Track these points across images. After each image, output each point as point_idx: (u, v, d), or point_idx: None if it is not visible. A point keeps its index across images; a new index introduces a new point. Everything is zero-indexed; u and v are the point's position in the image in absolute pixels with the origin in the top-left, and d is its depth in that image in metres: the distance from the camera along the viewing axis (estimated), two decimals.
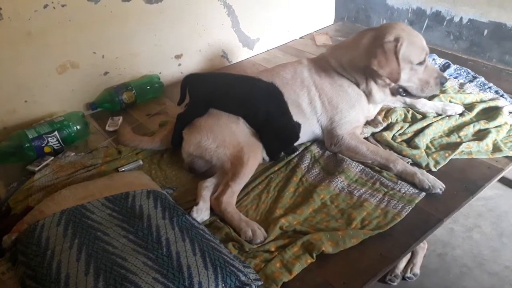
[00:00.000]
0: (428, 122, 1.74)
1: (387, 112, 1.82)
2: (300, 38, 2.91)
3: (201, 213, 1.39)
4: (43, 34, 1.90)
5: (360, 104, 1.68)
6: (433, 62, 2.20)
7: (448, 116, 1.77)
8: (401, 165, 1.51)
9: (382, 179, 1.49)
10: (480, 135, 1.65)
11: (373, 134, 1.74)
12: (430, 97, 1.90)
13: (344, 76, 1.69)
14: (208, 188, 1.49)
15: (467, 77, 2.08)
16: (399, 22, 1.67)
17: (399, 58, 1.55)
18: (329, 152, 1.67)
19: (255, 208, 1.45)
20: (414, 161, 1.56)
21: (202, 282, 1.03)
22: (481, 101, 1.85)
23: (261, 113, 1.62)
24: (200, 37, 2.45)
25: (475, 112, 1.78)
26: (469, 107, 1.82)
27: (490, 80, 2.02)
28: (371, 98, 1.69)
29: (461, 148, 1.58)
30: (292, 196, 1.48)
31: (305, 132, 1.69)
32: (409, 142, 1.66)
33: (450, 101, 1.86)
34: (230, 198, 1.43)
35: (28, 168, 1.69)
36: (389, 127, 1.75)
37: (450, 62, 2.19)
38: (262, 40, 2.73)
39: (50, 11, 1.88)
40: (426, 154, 1.58)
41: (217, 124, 1.61)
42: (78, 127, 1.87)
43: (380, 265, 1.19)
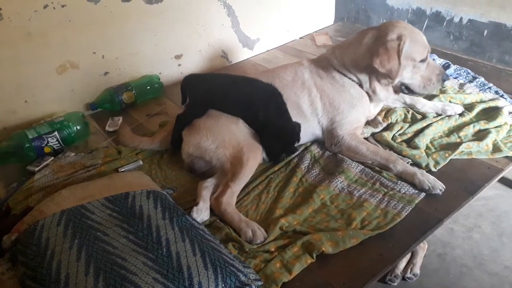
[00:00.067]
0: (428, 122, 1.74)
1: (387, 113, 1.82)
2: (300, 38, 2.91)
3: (201, 213, 1.39)
4: (43, 34, 1.90)
5: (362, 104, 1.68)
6: None
7: (448, 116, 1.77)
8: (401, 166, 1.51)
9: (382, 179, 1.49)
10: (480, 135, 1.65)
11: (373, 134, 1.74)
12: (430, 97, 1.90)
13: (346, 76, 1.68)
14: (208, 189, 1.49)
15: (467, 77, 2.08)
16: (400, 20, 1.66)
17: (402, 56, 1.55)
18: (329, 152, 1.67)
19: (255, 208, 1.45)
20: (414, 161, 1.56)
21: (202, 282, 1.03)
22: (481, 101, 1.85)
23: (260, 115, 1.62)
24: (200, 37, 2.45)
25: (475, 112, 1.78)
26: (469, 107, 1.82)
27: (490, 81, 2.02)
28: (375, 96, 1.69)
29: (461, 148, 1.58)
30: (292, 197, 1.48)
31: (306, 133, 1.69)
32: (409, 142, 1.66)
33: (450, 101, 1.86)
34: (230, 199, 1.43)
35: (28, 169, 1.69)
36: (389, 127, 1.75)
37: (450, 63, 2.19)
38: (262, 40, 2.73)
39: (50, 11, 1.88)
40: (426, 154, 1.58)
41: (217, 125, 1.61)
42: (78, 128, 1.87)
43: (380, 265, 1.19)
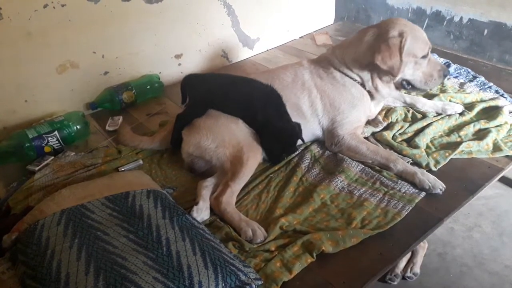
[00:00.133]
0: (428, 122, 1.74)
1: (387, 112, 1.82)
2: (300, 38, 2.91)
3: (201, 213, 1.39)
4: (43, 34, 1.90)
5: (362, 104, 1.68)
6: None
7: (448, 116, 1.77)
8: (401, 165, 1.51)
9: (382, 179, 1.49)
10: (480, 135, 1.65)
11: (374, 134, 1.73)
12: (430, 97, 1.90)
13: (348, 76, 1.68)
14: (208, 188, 1.49)
15: (467, 77, 2.08)
16: (400, 18, 1.66)
17: (404, 53, 1.55)
18: (329, 152, 1.67)
19: (255, 208, 1.45)
20: (414, 161, 1.56)
21: (202, 282, 1.03)
22: (481, 101, 1.85)
23: (259, 116, 1.62)
24: (200, 37, 2.45)
25: (475, 112, 1.78)
26: (469, 107, 1.82)
27: (490, 80, 2.02)
28: (378, 94, 1.69)
29: (461, 148, 1.58)
30: (292, 196, 1.48)
31: (306, 134, 1.69)
32: (409, 142, 1.66)
33: (450, 101, 1.86)
34: (230, 198, 1.43)
35: (28, 168, 1.70)
36: (389, 127, 1.75)
37: (450, 62, 2.19)
38: (262, 40, 2.73)
39: (50, 11, 1.88)
40: (426, 154, 1.58)
41: (217, 124, 1.60)
42: (78, 127, 1.87)
43: (380, 265, 1.19)
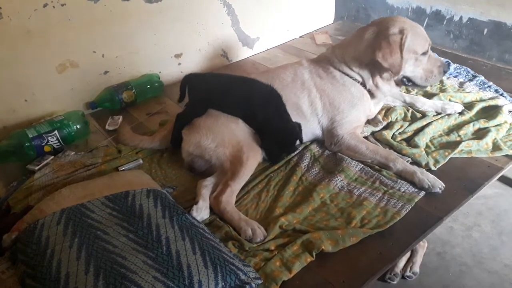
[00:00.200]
0: (428, 121, 1.74)
1: (387, 111, 1.82)
2: (300, 37, 2.91)
3: (201, 212, 1.39)
4: (43, 33, 1.90)
5: (362, 103, 1.68)
6: None
7: (448, 115, 1.77)
8: (401, 164, 1.51)
9: (382, 178, 1.49)
10: (480, 134, 1.65)
11: (373, 133, 1.74)
12: (430, 96, 1.90)
13: (348, 75, 1.68)
14: (208, 187, 1.50)
15: (467, 76, 2.08)
16: (398, 16, 1.67)
17: (404, 50, 1.55)
18: (329, 151, 1.67)
19: (255, 207, 1.45)
20: (414, 160, 1.56)
21: (202, 281, 1.03)
22: (481, 100, 1.85)
23: (259, 115, 1.62)
24: (200, 36, 2.45)
25: (475, 111, 1.78)
26: (469, 106, 1.82)
27: (490, 79, 2.02)
28: (378, 91, 1.69)
29: (461, 147, 1.58)
30: (292, 195, 1.48)
31: (306, 134, 1.69)
32: (409, 141, 1.66)
33: (450, 100, 1.87)
34: (230, 198, 1.43)
35: (28, 167, 1.70)
36: (389, 126, 1.75)
37: (450, 61, 2.19)
38: (262, 39, 2.73)
39: (50, 10, 1.88)
40: (426, 153, 1.58)
41: (217, 124, 1.61)
42: (78, 126, 1.87)
43: (380, 264, 1.19)
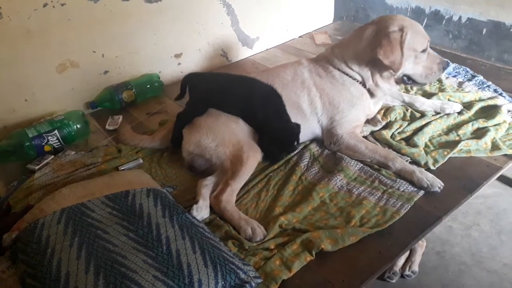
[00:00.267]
0: (427, 121, 1.74)
1: (386, 111, 1.82)
2: (300, 37, 2.92)
3: (201, 211, 1.40)
4: (43, 33, 1.90)
5: (362, 103, 1.68)
6: None
7: (447, 115, 1.78)
8: (400, 163, 1.51)
9: (381, 177, 1.49)
10: (479, 134, 1.66)
11: (372, 133, 1.74)
12: (429, 96, 1.91)
13: (348, 74, 1.68)
14: (208, 187, 1.50)
15: (466, 76, 2.09)
16: (396, 14, 1.67)
17: (405, 47, 1.55)
18: (328, 151, 1.68)
19: (255, 207, 1.45)
20: (413, 160, 1.57)
21: (202, 280, 1.04)
22: (480, 100, 1.85)
23: (259, 115, 1.62)
24: (200, 36, 2.45)
25: (474, 111, 1.79)
26: (468, 106, 1.82)
27: (489, 79, 2.02)
28: (378, 90, 1.69)
29: (460, 147, 1.58)
30: (292, 195, 1.48)
31: (305, 133, 1.69)
32: (408, 141, 1.66)
33: (449, 100, 1.87)
34: (230, 197, 1.43)
35: (28, 167, 1.70)
36: (388, 126, 1.75)
37: (449, 61, 2.19)
38: (262, 39, 2.73)
39: (50, 10, 1.88)
40: (425, 153, 1.58)
41: (217, 123, 1.61)
42: (78, 126, 1.87)
43: (379, 263, 1.20)
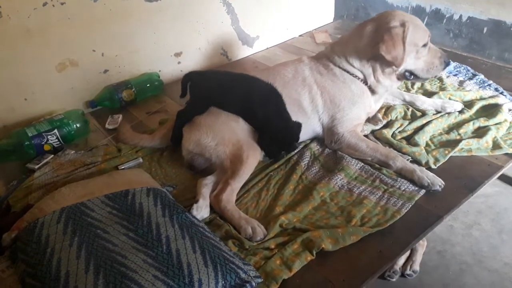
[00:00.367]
0: (428, 120, 1.74)
1: (387, 110, 1.82)
2: (300, 36, 2.91)
3: (201, 211, 1.39)
4: (43, 32, 1.89)
5: (362, 101, 1.68)
6: None
7: (448, 114, 1.77)
8: (401, 162, 1.51)
9: (382, 177, 1.49)
10: (480, 133, 1.65)
11: (373, 132, 1.74)
12: (430, 95, 1.90)
13: (349, 72, 1.68)
14: (208, 186, 1.49)
15: (467, 75, 2.08)
16: (395, 10, 1.67)
17: (406, 43, 1.55)
18: (329, 150, 1.67)
19: (255, 206, 1.45)
20: (414, 159, 1.56)
21: (202, 280, 1.03)
22: (481, 99, 1.85)
23: (259, 114, 1.62)
24: (200, 35, 2.44)
25: (475, 110, 1.78)
26: (469, 105, 1.82)
27: (490, 78, 2.02)
28: (380, 86, 1.68)
29: (461, 146, 1.58)
30: (292, 194, 1.48)
31: (306, 131, 1.69)
32: (409, 140, 1.66)
33: (450, 99, 1.87)
34: (230, 196, 1.43)
35: (28, 166, 1.70)
36: (389, 125, 1.75)
37: (450, 60, 2.18)
38: (262, 38, 2.73)
39: (49, 9, 1.87)
40: (426, 152, 1.58)
41: (217, 122, 1.60)
42: (78, 125, 1.87)
43: (380, 263, 1.19)
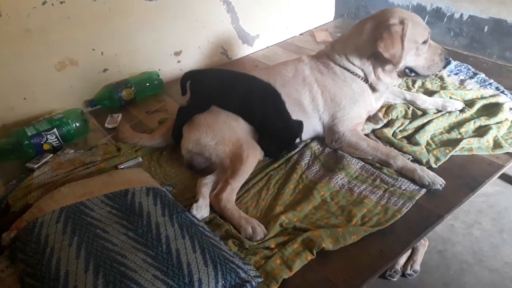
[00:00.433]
0: (429, 119, 1.73)
1: (388, 109, 1.82)
2: (300, 35, 2.90)
3: (201, 210, 1.39)
4: (42, 31, 1.89)
5: (363, 99, 1.67)
6: None
7: (449, 113, 1.77)
8: (401, 161, 1.50)
9: (383, 176, 1.48)
10: (481, 132, 1.65)
11: (374, 131, 1.73)
12: (430, 94, 1.90)
13: (349, 70, 1.67)
14: (208, 185, 1.49)
15: (468, 74, 2.08)
16: (395, 7, 1.66)
17: (406, 40, 1.54)
18: (329, 149, 1.67)
19: (255, 205, 1.44)
20: (415, 158, 1.56)
21: (202, 279, 1.03)
22: (482, 98, 1.84)
23: (258, 114, 1.61)
24: (200, 34, 2.44)
25: (476, 109, 1.78)
26: (470, 104, 1.81)
27: (491, 77, 2.01)
28: (381, 83, 1.67)
29: (462, 145, 1.57)
30: (292, 193, 1.47)
31: (307, 130, 1.68)
32: (410, 139, 1.66)
33: (451, 98, 1.86)
34: (230, 195, 1.42)
35: (27, 166, 1.69)
36: (390, 124, 1.75)
37: (451, 59, 2.18)
38: (262, 37, 2.72)
39: (49, 8, 1.87)
40: (427, 151, 1.57)
41: (217, 121, 1.60)
42: (77, 124, 1.86)
43: (381, 262, 1.19)
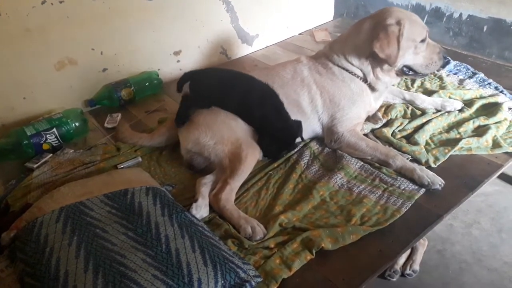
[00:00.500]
0: (428, 118, 1.73)
1: (387, 109, 1.82)
2: (299, 35, 2.91)
3: (200, 210, 1.39)
4: (41, 31, 1.89)
5: (362, 99, 1.67)
6: None
7: (448, 112, 1.77)
8: (401, 161, 1.50)
9: (382, 176, 1.49)
10: (480, 131, 1.65)
11: (373, 131, 1.73)
12: (429, 93, 1.90)
13: (348, 70, 1.67)
14: (207, 185, 1.49)
15: (467, 73, 2.08)
16: (393, 6, 1.66)
17: (403, 39, 1.54)
18: (329, 149, 1.67)
19: (255, 205, 1.44)
20: (414, 157, 1.56)
21: (202, 279, 1.03)
22: (481, 97, 1.84)
23: (256, 115, 1.61)
24: (199, 34, 2.44)
25: (475, 108, 1.78)
26: (469, 103, 1.81)
27: (490, 76, 2.01)
28: (380, 82, 1.67)
29: (461, 144, 1.58)
30: (292, 193, 1.47)
31: (306, 131, 1.69)
32: (409, 139, 1.66)
33: (450, 97, 1.86)
34: (229, 195, 1.43)
35: (27, 165, 1.69)
36: (389, 124, 1.75)
37: (450, 58, 2.18)
38: (261, 37, 2.72)
39: (48, 8, 1.87)
40: (426, 150, 1.57)
41: (216, 121, 1.60)
42: (77, 124, 1.86)
43: (380, 262, 1.19)
